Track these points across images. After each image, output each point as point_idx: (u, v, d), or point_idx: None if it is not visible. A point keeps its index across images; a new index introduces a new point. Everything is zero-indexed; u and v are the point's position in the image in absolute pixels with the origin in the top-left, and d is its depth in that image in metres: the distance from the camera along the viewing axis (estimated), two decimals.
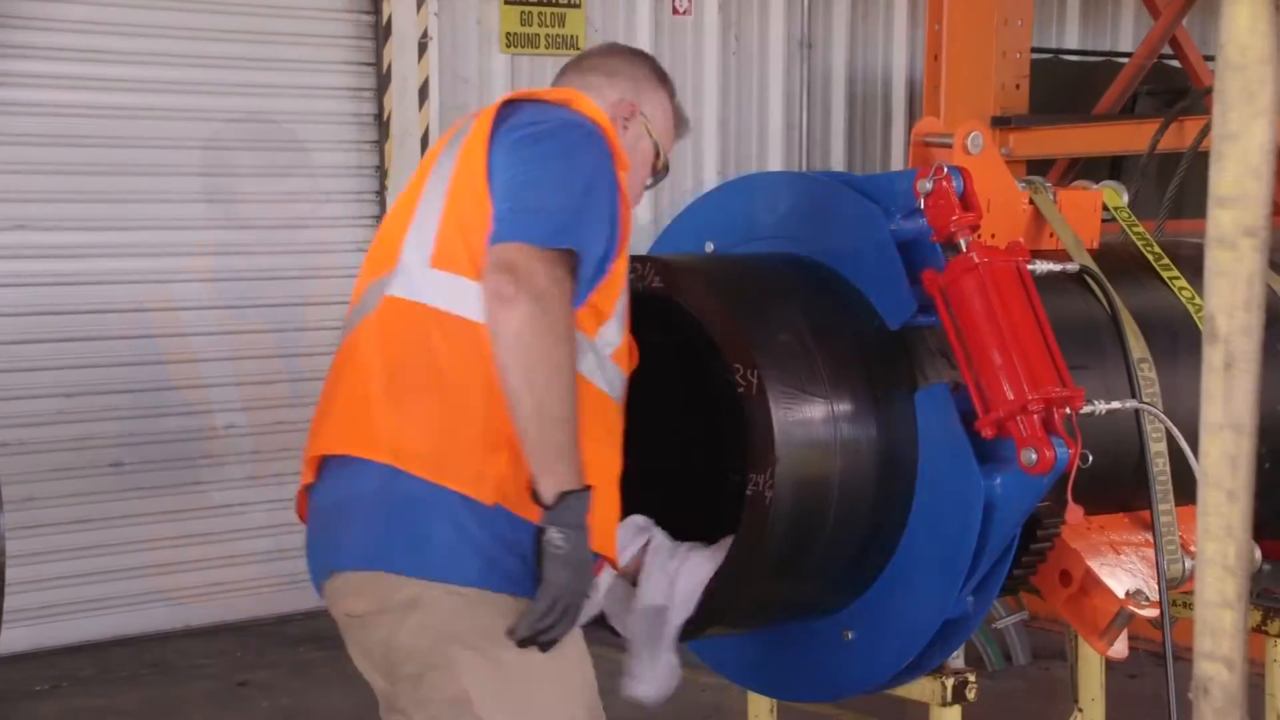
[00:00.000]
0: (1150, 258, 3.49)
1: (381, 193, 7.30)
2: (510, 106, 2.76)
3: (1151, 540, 3.13)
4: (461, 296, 2.63)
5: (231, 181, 7.00)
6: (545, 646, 2.58)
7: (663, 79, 2.99)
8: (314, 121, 7.19)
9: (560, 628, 2.57)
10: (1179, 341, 3.31)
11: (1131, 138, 6.71)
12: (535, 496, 2.56)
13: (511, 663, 2.61)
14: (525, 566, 2.59)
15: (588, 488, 2.57)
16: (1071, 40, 9.62)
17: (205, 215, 6.95)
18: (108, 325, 6.75)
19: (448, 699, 2.64)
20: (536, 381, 2.52)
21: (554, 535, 2.53)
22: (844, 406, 2.95)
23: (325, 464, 2.76)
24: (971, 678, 3.12)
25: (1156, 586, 3.09)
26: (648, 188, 3.00)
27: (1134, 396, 3.16)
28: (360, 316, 2.78)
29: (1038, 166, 6.94)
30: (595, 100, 2.82)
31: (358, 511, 2.69)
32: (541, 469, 2.56)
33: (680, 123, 3.02)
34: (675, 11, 8.13)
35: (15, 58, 6.52)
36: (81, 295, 6.71)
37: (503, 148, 2.68)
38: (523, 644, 2.57)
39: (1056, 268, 3.19)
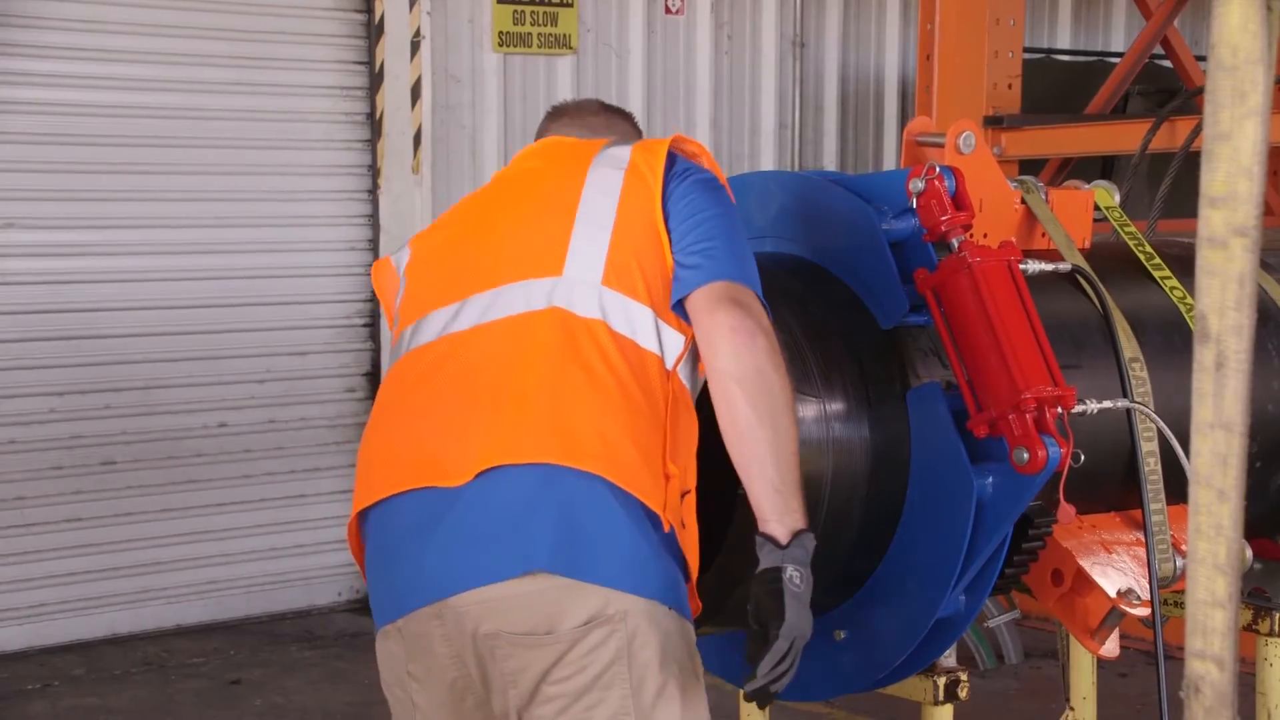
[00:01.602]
0: (1142, 257, 3.49)
1: (374, 191, 7.29)
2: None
3: (1143, 539, 3.13)
4: (632, 319, 2.60)
5: (223, 180, 6.99)
6: (769, 698, 2.52)
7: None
8: (305, 120, 7.17)
9: (793, 671, 2.51)
10: (1170, 341, 3.31)
11: (1123, 138, 6.72)
12: (763, 534, 2.52)
13: (674, 694, 2.53)
14: (682, 595, 2.56)
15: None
16: (1064, 40, 9.62)
17: (196, 214, 6.94)
18: (99, 324, 6.74)
19: (609, 715, 2.51)
20: (778, 415, 2.51)
21: (793, 574, 2.49)
22: (836, 406, 2.95)
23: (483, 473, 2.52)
24: (963, 677, 3.12)
25: (1148, 585, 3.09)
26: None
27: (1125, 396, 3.17)
28: (483, 319, 2.66)
29: (1030, 166, 6.95)
30: None
31: (540, 519, 2.49)
32: (777, 505, 2.52)
33: None
34: (668, 10, 8.13)
35: (4, 55, 6.51)
36: (72, 293, 6.69)
37: (680, 187, 2.70)
38: (754, 694, 2.50)
39: (1048, 267, 3.19)
